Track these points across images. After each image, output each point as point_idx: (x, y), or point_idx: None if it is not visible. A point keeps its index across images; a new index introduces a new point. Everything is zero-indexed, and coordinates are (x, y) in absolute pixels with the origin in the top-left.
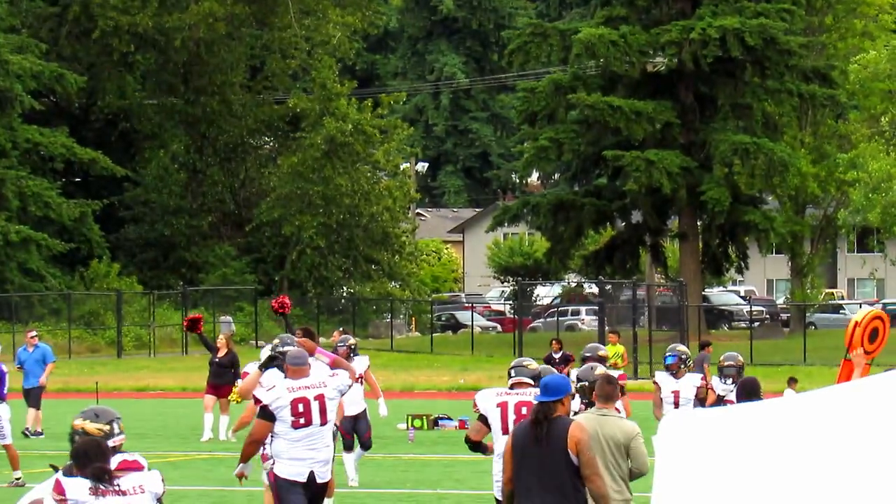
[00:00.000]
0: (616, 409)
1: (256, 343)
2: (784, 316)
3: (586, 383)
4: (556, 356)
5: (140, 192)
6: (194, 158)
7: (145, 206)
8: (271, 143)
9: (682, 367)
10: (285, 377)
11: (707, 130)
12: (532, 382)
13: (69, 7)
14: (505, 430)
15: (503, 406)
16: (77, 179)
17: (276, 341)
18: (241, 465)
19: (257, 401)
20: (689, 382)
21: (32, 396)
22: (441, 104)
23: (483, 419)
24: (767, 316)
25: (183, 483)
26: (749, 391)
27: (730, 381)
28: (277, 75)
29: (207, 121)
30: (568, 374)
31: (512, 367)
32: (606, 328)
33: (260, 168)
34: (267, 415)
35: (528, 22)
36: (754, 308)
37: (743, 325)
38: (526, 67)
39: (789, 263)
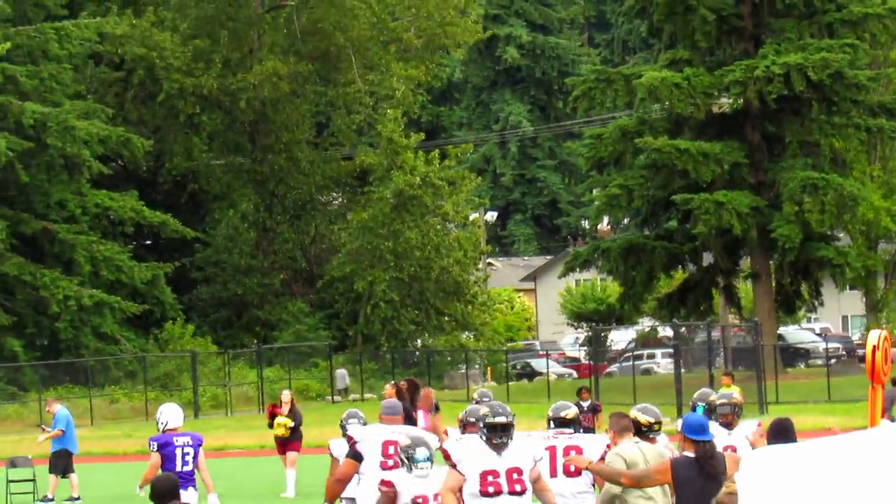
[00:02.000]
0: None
1: (332, 398)
2: (860, 352)
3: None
4: (585, 405)
5: (211, 252)
6: (264, 217)
7: (216, 267)
8: (340, 199)
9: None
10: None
11: (775, 169)
12: (571, 431)
13: (134, 71)
14: (553, 473)
15: (552, 450)
16: (147, 242)
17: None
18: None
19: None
20: (742, 434)
21: (56, 464)
22: (508, 153)
23: None
24: (844, 352)
25: None
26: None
27: (723, 422)
28: (343, 131)
29: (276, 179)
30: (594, 424)
31: (550, 419)
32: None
33: (329, 224)
34: (355, 455)
35: (592, 69)
36: (830, 345)
37: (819, 362)
38: (591, 113)
39: (863, 299)
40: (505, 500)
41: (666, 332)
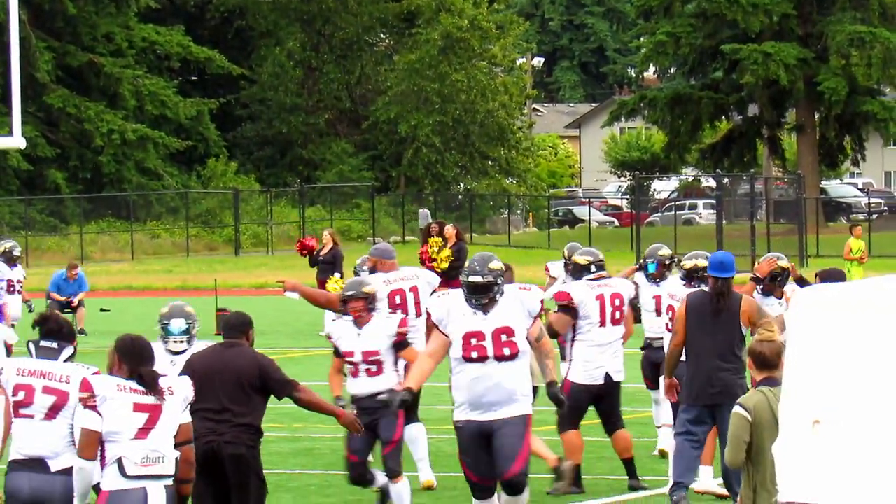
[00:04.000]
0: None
1: (374, 239)
2: None
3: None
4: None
5: (256, 90)
6: (310, 56)
7: (262, 104)
8: (387, 41)
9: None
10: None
11: (824, 21)
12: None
13: None
14: (603, 322)
15: (601, 298)
16: (193, 78)
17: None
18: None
19: None
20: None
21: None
22: None
23: (572, 311)
24: (886, 208)
25: (303, 378)
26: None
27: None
28: None
29: (323, 18)
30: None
31: (592, 262)
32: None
33: (376, 65)
34: None
35: None
36: (872, 200)
37: (861, 217)
38: None
39: None
40: (492, 367)
41: (709, 182)
